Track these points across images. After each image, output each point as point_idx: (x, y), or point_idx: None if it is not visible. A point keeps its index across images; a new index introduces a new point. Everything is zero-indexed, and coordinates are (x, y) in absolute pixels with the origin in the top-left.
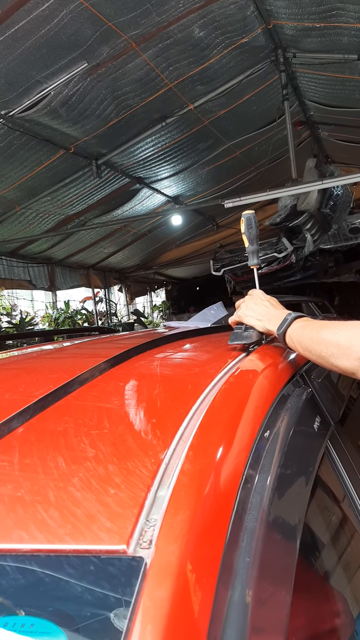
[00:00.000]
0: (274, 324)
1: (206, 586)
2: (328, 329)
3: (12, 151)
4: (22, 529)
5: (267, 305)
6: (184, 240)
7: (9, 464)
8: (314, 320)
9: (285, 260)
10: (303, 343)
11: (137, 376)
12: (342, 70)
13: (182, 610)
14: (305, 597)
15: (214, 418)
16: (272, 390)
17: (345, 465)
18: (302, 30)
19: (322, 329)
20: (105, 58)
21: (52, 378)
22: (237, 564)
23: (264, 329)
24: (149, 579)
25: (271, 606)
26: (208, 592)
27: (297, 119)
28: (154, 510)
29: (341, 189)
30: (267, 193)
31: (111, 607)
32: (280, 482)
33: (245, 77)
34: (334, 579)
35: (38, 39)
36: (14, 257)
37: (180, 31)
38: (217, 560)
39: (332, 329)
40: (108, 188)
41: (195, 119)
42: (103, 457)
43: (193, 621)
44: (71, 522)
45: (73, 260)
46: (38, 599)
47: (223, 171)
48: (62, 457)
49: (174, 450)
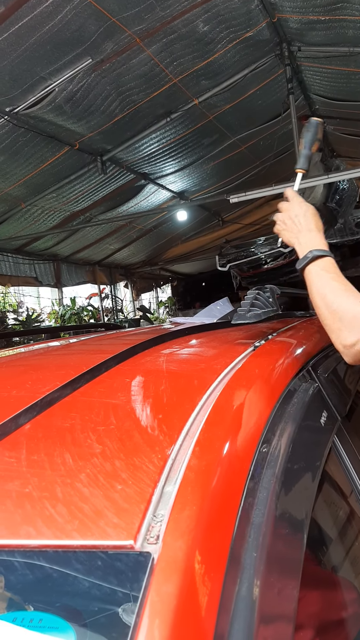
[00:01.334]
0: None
1: (213, 581)
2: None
3: (17, 148)
4: (30, 525)
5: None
6: (190, 235)
7: (17, 460)
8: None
9: (291, 255)
10: (311, 291)
11: (143, 372)
12: (348, 63)
13: (190, 605)
14: (313, 592)
15: (220, 414)
16: (278, 385)
17: (353, 460)
18: (307, 24)
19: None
20: (110, 54)
21: (59, 374)
22: (244, 559)
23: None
24: (157, 574)
25: (279, 601)
26: (215, 587)
27: (303, 113)
28: (161, 506)
29: (347, 183)
30: (273, 188)
31: (119, 602)
32: (287, 477)
33: (250, 71)
34: (342, 573)
35: (42, 35)
36: (20, 254)
37: (184, 26)
38: (224, 555)
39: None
40: (113, 184)
41: (200, 114)
42: (110, 453)
43: (200, 616)
44: (79, 517)
45: (79, 257)
46: (46, 595)
47: (228, 166)
48: (69, 453)
49: (180, 445)
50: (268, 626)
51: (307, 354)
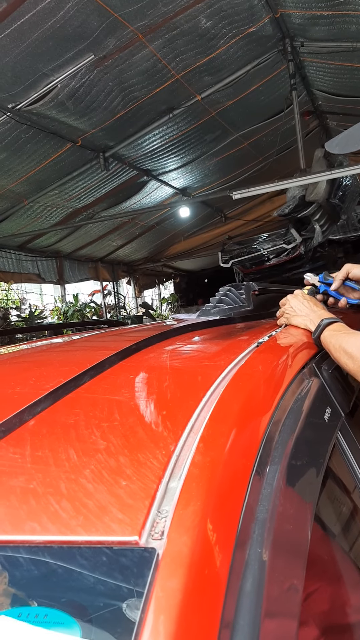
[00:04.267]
0: (312, 326)
1: (218, 576)
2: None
3: (20, 145)
4: (34, 521)
5: (307, 306)
6: (192, 232)
7: (21, 456)
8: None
9: (294, 252)
10: (331, 352)
11: (147, 368)
12: (351, 58)
13: (195, 601)
14: (318, 588)
15: (224, 410)
16: (282, 381)
17: (357, 457)
18: (310, 19)
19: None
20: (112, 50)
21: (63, 371)
22: (249, 555)
23: (305, 328)
24: (161, 570)
25: (284, 596)
26: (220, 583)
27: (305, 108)
28: (166, 502)
29: (350, 179)
30: (276, 184)
31: (123, 598)
32: (292, 473)
33: (252, 67)
34: (347, 568)
35: (44, 32)
36: (23, 251)
37: (186, 21)
38: (229, 551)
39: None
40: (115, 181)
41: (202, 110)
42: (114, 449)
43: (205, 611)
44: (83, 513)
45: (81, 254)
46: (51, 590)
47: (231, 162)
48: (74, 449)
49: (184, 441)
50: (273, 621)
51: (311, 350)
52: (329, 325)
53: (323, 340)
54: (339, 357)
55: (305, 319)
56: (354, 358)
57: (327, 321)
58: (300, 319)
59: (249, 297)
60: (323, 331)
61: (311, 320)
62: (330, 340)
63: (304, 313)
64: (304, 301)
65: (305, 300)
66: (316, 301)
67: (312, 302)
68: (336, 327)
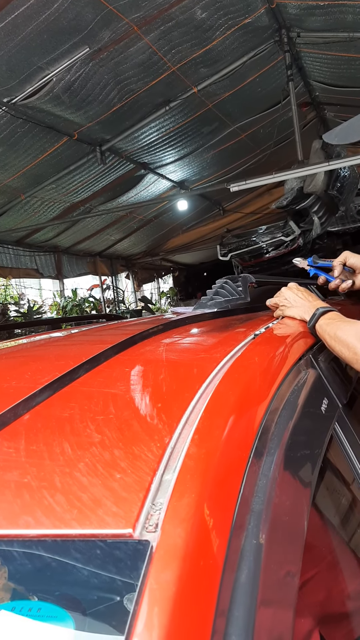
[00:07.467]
0: (307, 316)
1: (212, 568)
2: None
3: (16, 139)
4: (28, 515)
5: (301, 297)
6: (191, 225)
7: (15, 450)
8: (337, 318)
9: (292, 244)
10: (326, 340)
11: (142, 361)
12: (348, 49)
13: (189, 593)
14: (314, 579)
15: (220, 402)
16: (278, 372)
17: (354, 448)
18: (306, 9)
19: (338, 330)
20: (107, 42)
21: (58, 365)
22: (244, 547)
23: (301, 318)
24: (155, 562)
25: (279, 588)
26: (214, 575)
27: (303, 100)
28: (160, 494)
29: (348, 171)
30: (274, 176)
31: (118, 591)
32: (288, 465)
33: (249, 58)
34: (344, 559)
35: (39, 25)
36: (21, 246)
37: (182, 13)
38: (223, 542)
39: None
40: (113, 174)
41: (199, 102)
42: (109, 442)
43: (200, 603)
44: (77, 506)
45: (79, 248)
46: (45, 584)
47: (228, 154)
48: (68, 442)
49: (179, 434)
50: (268, 613)
51: (308, 341)
52: (324, 314)
53: (318, 329)
54: (334, 345)
55: (300, 309)
56: (349, 346)
57: (322, 310)
58: (295, 309)
59: (246, 290)
60: (318, 320)
61: (306, 311)
62: (325, 328)
63: (298, 304)
64: (299, 292)
65: (299, 292)
66: (310, 292)
67: (306, 292)
68: (331, 315)
